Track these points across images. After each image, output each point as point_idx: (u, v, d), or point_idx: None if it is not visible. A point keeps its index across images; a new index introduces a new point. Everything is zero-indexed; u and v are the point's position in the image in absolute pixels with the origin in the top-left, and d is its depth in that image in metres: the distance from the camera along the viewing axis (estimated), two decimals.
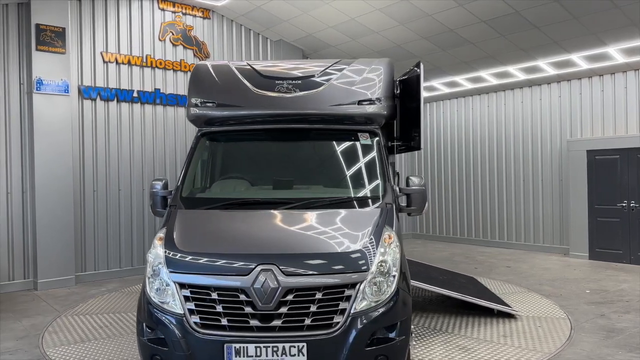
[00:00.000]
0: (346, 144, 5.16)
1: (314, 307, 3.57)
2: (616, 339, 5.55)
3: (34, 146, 8.32)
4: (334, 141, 5.20)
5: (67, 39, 8.65)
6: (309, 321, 3.56)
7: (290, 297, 3.58)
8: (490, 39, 9.74)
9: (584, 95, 11.04)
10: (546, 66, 10.70)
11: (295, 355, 3.51)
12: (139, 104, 9.66)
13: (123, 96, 9.44)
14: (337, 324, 3.57)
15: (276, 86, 5.08)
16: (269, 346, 3.52)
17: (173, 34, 10.10)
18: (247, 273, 3.63)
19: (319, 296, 3.59)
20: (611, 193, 10.20)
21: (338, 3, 9.20)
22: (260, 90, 5.08)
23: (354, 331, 3.55)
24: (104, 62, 9.26)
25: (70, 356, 5.30)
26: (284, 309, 3.56)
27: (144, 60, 9.71)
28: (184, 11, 10.23)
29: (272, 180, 5.10)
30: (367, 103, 4.99)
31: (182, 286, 3.72)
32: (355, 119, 5.05)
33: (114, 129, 9.39)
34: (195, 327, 3.61)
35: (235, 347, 3.53)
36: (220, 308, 3.61)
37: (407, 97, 5.57)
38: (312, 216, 4.27)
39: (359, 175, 4.96)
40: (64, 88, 8.59)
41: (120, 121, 9.45)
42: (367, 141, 5.00)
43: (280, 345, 3.51)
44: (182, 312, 3.65)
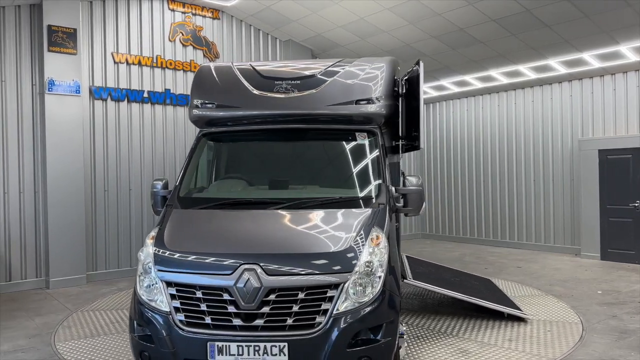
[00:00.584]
0: (343, 143, 5.14)
1: (296, 307, 3.60)
2: (628, 340, 5.50)
3: (46, 146, 8.42)
4: (330, 141, 5.20)
5: (79, 40, 8.72)
6: (290, 321, 3.59)
7: (272, 297, 3.60)
8: (500, 38, 9.68)
9: (596, 94, 10.95)
10: (557, 65, 10.61)
11: (276, 354, 3.53)
12: (149, 104, 9.72)
13: (133, 96, 9.50)
14: (319, 324, 3.57)
15: (275, 87, 5.10)
16: (251, 345, 3.55)
17: (183, 35, 10.15)
18: (230, 272, 3.68)
19: (301, 296, 3.61)
20: (623, 193, 10.10)
21: (347, 3, 9.19)
22: (260, 90, 5.11)
23: (335, 332, 3.55)
24: (114, 62, 9.33)
25: (80, 350, 5.38)
26: (266, 309, 3.59)
27: (154, 61, 9.77)
28: (193, 12, 10.28)
29: (268, 180, 5.13)
30: (365, 102, 4.95)
31: (169, 284, 3.79)
32: (353, 119, 5.01)
33: (125, 129, 9.45)
34: (180, 324, 3.67)
35: (217, 345, 3.57)
36: (204, 306, 3.67)
37: (411, 96, 5.54)
38: (301, 216, 4.28)
39: (353, 175, 4.95)
40: (76, 88, 8.67)
41: (130, 121, 9.51)
42: (365, 141, 4.95)
43: (262, 345, 3.54)
44: (168, 310, 3.72)
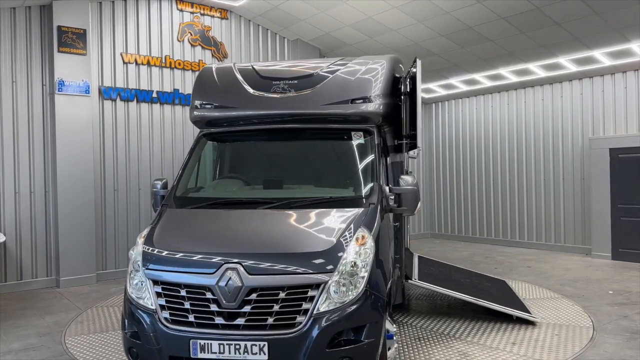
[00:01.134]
0: (338, 143, 5.13)
1: (276, 307, 3.60)
2: (639, 340, 5.45)
3: (56, 146, 8.48)
4: (326, 140, 5.19)
5: (88, 41, 8.78)
6: (271, 320, 3.59)
7: (253, 296, 3.62)
8: (510, 36, 9.62)
9: (607, 93, 10.84)
10: (567, 63, 10.52)
11: (256, 353, 3.55)
12: (158, 104, 9.76)
13: (143, 96, 9.55)
14: (299, 324, 3.57)
15: (272, 87, 5.12)
16: (232, 344, 3.57)
17: (191, 35, 10.18)
18: (213, 271, 3.71)
19: (282, 296, 3.61)
20: (635, 192, 9.99)
21: (355, 1, 9.17)
22: (257, 91, 5.13)
23: (315, 332, 3.54)
24: (123, 63, 9.37)
25: (89, 345, 5.47)
26: (247, 308, 3.61)
27: (163, 61, 9.81)
28: (202, 12, 10.31)
29: (263, 180, 5.15)
30: (361, 101, 4.91)
31: (155, 282, 3.85)
32: (349, 118, 4.98)
33: (134, 129, 9.50)
34: (165, 322, 3.72)
35: (200, 343, 3.61)
36: (188, 305, 3.71)
37: (415, 94, 5.50)
38: (289, 216, 4.28)
39: (346, 175, 4.95)
40: (85, 89, 8.72)
41: (140, 121, 9.56)
42: (360, 140, 4.91)
43: (243, 344, 3.56)
44: (154, 308, 3.78)
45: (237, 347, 3.56)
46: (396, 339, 4.34)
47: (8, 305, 7.29)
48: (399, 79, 5.51)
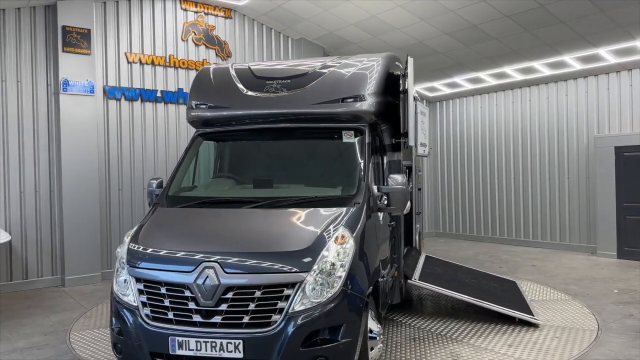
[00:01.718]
0: (327, 142, 5.11)
1: (252, 305, 3.63)
2: None
3: (61, 145, 8.51)
4: (316, 140, 5.19)
5: (92, 40, 8.81)
6: (247, 319, 3.63)
7: (230, 295, 3.65)
8: (514, 34, 9.58)
9: (612, 91, 10.78)
10: (572, 61, 10.47)
11: (232, 351, 3.59)
12: (162, 103, 9.78)
13: (147, 96, 9.57)
14: (274, 322, 3.59)
15: (266, 86, 5.13)
16: (208, 341, 3.63)
17: (195, 34, 10.19)
18: (192, 270, 3.76)
19: (257, 294, 3.63)
20: None
21: (359, 0, 9.15)
22: (250, 91, 5.15)
23: (290, 330, 3.56)
24: (128, 62, 9.40)
25: (93, 343, 5.53)
26: (224, 306, 3.65)
27: (167, 61, 9.83)
28: (206, 11, 10.32)
29: (253, 179, 5.16)
30: (352, 100, 4.87)
31: (138, 280, 3.93)
32: (340, 117, 4.95)
33: (139, 129, 9.53)
34: (146, 319, 3.80)
35: (178, 340, 3.68)
36: (167, 302, 3.77)
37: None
38: (273, 215, 4.29)
39: (334, 174, 4.95)
40: (90, 88, 8.75)
41: (144, 121, 9.59)
42: (351, 139, 4.88)
43: (219, 341, 3.61)
44: (136, 305, 3.86)
45: (214, 344, 3.61)
46: (381, 339, 4.33)
47: (13, 304, 7.34)
48: (397, 77, 5.48)
